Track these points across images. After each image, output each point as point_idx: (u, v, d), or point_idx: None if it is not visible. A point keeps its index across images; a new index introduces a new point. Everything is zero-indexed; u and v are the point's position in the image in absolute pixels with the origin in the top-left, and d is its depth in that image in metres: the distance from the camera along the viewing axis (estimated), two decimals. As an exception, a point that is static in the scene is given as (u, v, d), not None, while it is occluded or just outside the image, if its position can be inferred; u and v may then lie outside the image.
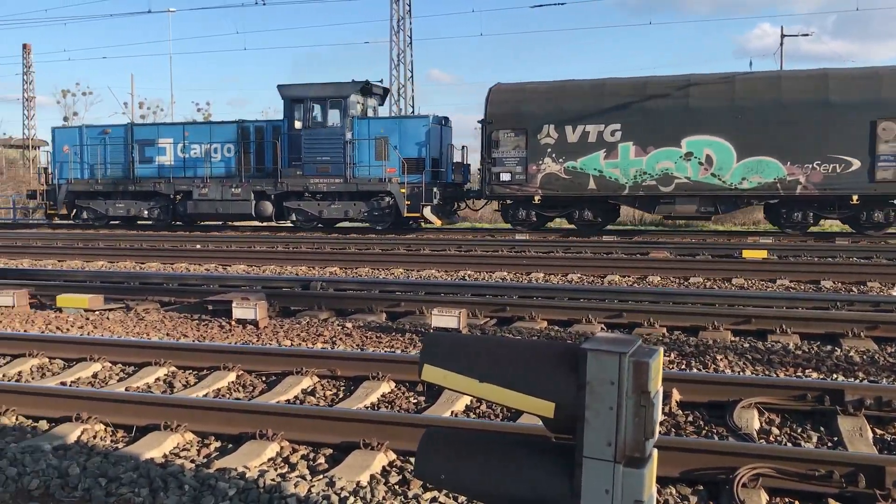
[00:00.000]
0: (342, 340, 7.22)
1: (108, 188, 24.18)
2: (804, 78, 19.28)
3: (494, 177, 20.57)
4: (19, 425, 4.87)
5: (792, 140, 18.48)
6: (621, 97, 19.84)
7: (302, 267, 13.33)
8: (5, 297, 8.98)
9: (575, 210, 20.61)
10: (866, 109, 17.97)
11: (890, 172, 17.98)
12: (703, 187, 19.30)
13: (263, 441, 4.33)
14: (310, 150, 21.71)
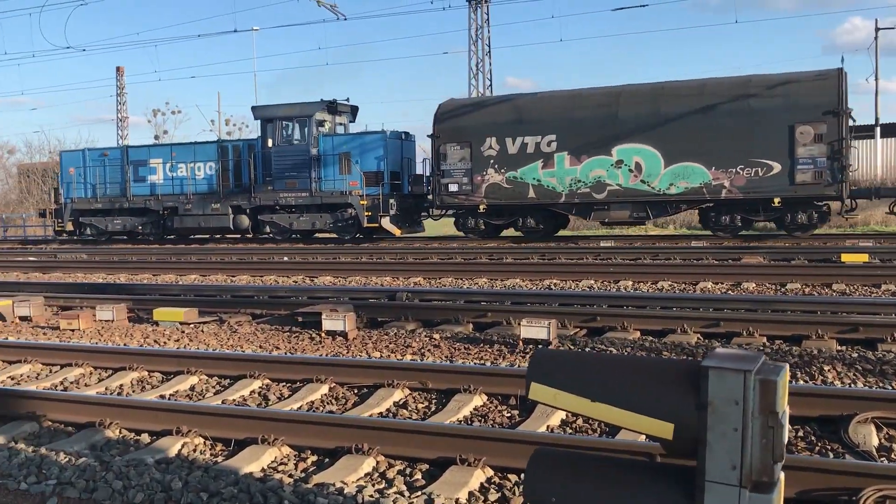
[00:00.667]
0: (430, 352, 7.18)
1: (106, 206, 26.27)
2: (727, 85, 19.73)
3: (443, 188, 21.67)
4: (123, 438, 4.99)
5: (716, 146, 19.07)
6: (555, 109, 20.86)
7: (386, 277, 13.41)
8: (105, 312, 9.30)
9: (518, 218, 21.47)
10: (785, 114, 18.48)
11: (808, 175, 18.44)
12: (633, 194, 20.02)
13: (360, 455, 4.30)
14: (279, 166, 23.35)
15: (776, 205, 18.94)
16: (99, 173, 26.23)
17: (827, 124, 18.32)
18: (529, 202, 21.06)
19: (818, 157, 18.43)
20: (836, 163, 18.35)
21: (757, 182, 18.92)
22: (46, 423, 5.27)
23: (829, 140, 18.36)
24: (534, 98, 21.61)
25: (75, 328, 8.81)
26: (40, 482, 4.15)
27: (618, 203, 20.33)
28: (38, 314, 9.69)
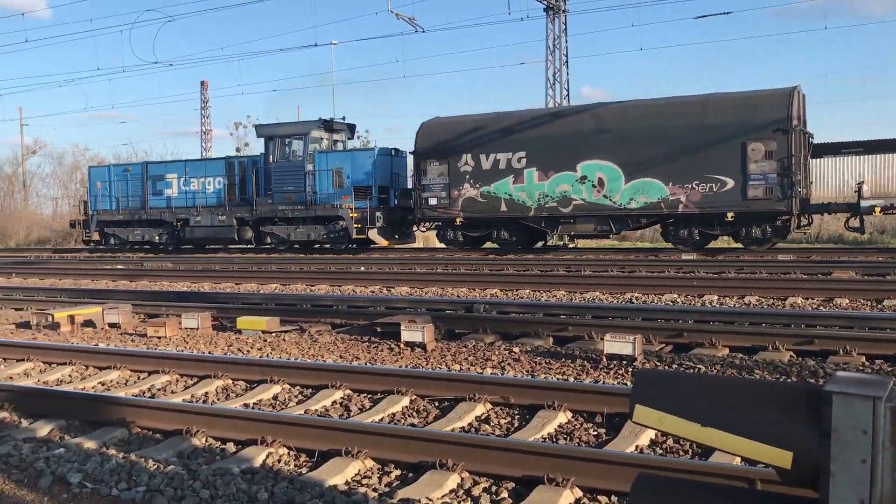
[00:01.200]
0: (511, 366, 7.07)
1: (127, 217, 28.31)
2: (684, 103, 20.45)
3: (424, 201, 22.94)
4: (209, 447, 5.04)
5: (673, 162, 19.72)
6: (525, 126, 21.77)
7: (462, 289, 13.35)
8: (191, 320, 9.51)
9: (493, 230, 22.58)
10: (738, 131, 19.04)
11: (760, 190, 18.95)
12: (597, 208, 20.86)
13: (444, 471, 4.23)
14: (278, 180, 24.95)
15: (729, 219, 19.43)
16: (122, 187, 28.26)
17: (777, 141, 18.79)
18: (502, 215, 22.08)
19: (769, 173, 18.92)
20: (787, 179, 18.80)
21: (711, 197, 19.51)
22: (135, 430, 5.37)
23: (780, 157, 18.82)
24: (505, 116, 22.60)
25: (162, 335, 9.03)
26: (130, 489, 4.21)
27: (583, 217, 21.20)
28: (126, 321, 9.98)
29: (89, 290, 14.46)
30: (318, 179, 24.40)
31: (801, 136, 19.43)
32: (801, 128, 19.57)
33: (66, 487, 4.32)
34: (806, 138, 20.07)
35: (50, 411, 5.78)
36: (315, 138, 24.97)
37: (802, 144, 19.61)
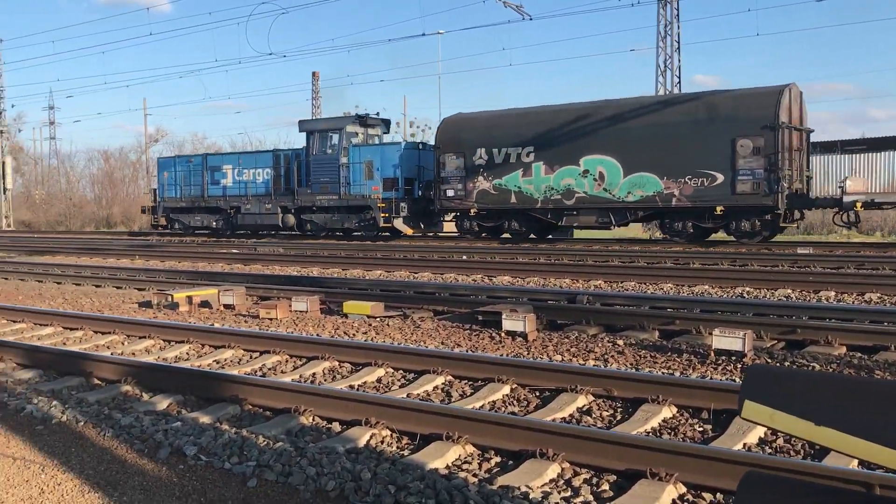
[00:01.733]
0: (614, 358, 6.97)
1: (189, 204, 30.86)
2: (678, 101, 21.53)
3: (443, 193, 24.31)
4: (315, 426, 5.21)
5: (667, 157, 20.39)
6: (534, 122, 22.88)
7: (565, 279, 13.23)
8: (300, 303, 9.81)
9: (504, 221, 23.71)
10: (728, 128, 19.64)
11: (748, 185, 19.51)
12: (597, 201, 21.75)
13: (544, 461, 4.22)
14: (316, 172, 26.87)
15: (718, 213, 20.09)
16: (185, 177, 30.86)
17: (764, 138, 19.29)
18: (512, 207, 23.24)
19: (756, 168, 19.47)
20: (773, 174, 19.29)
21: (703, 191, 20.18)
22: (247, 407, 5.60)
23: (767, 153, 19.32)
24: (517, 113, 23.95)
25: (273, 317, 9.36)
26: (241, 463, 4.40)
27: (585, 209, 22.16)
28: (240, 303, 10.39)
29: (206, 272, 15.12)
30: (351, 171, 26.14)
31: (791, 133, 19.81)
32: (794, 125, 19.98)
33: (183, 459, 4.55)
34: (801, 135, 20.42)
35: (168, 386, 6.10)
36: (350, 133, 26.66)
37: (794, 141, 20.02)
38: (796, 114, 20.28)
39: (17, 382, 6.55)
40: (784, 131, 19.39)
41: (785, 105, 19.48)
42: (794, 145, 20.08)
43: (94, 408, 5.65)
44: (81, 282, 14.40)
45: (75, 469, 4.45)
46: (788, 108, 19.76)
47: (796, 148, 20.21)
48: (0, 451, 4.83)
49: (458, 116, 25.08)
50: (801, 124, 20.62)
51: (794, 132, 20.04)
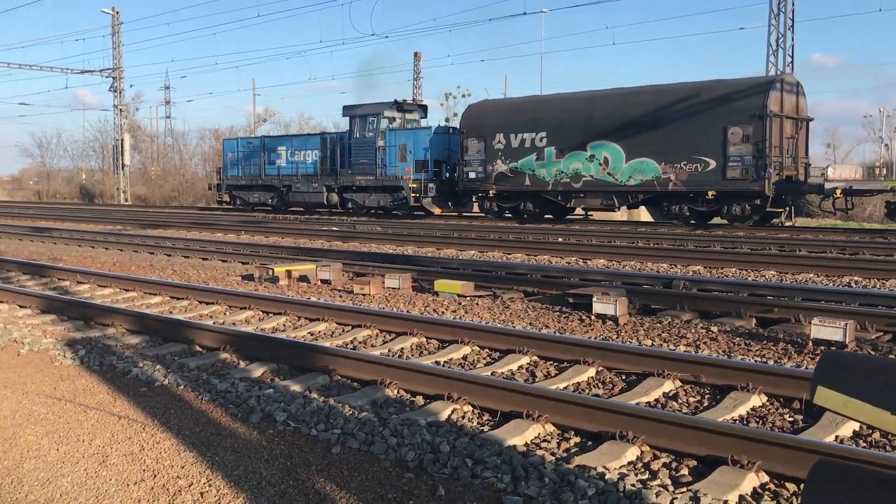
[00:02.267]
0: (706, 345, 6.81)
1: (248, 183, 33.31)
2: (676, 90, 22.04)
3: (465, 175, 25.77)
4: (399, 398, 5.33)
5: (665, 144, 21.42)
6: (547, 110, 24.33)
7: (663, 264, 12.96)
8: (393, 280, 10.00)
9: (519, 202, 25.03)
10: (720, 117, 20.57)
11: (737, 171, 20.45)
12: (602, 184, 22.90)
13: (623, 443, 4.20)
14: (356, 154, 28.69)
15: (710, 197, 21.00)
16: (245, 157, 33.36)
17: (753, 126, 20.11)
18: (526, 189, 24.59)
19: (745, 155, 20.31)
20: (761, 161, 20.08)
21: (697, 176, 21.15)
22: (336, 377, 5.78)
23: (755, 140, 20.10)
24: (530, 100, 25.72)
25: (366, 293, 9.58)
26: (328, 430, 4.56)
27: (591, 192, 23.29)
28: (336, 278, 10.68)
29: (306, 248, 15.58)
30: (387, 154, 27.85)
31: (783, 122, 20.57)
32: (786, 114, 20.73)
33: (273, 424, 4.75)
34: (794, 124, 21.22)
35: (264, 355, 6.36)
36: (388, 118, 28.42)
37: (787, 129, 20.82)
38: (790, 104, 21.10)
39: (126, 347, 6.96)
40: (773, 120, 20.12)
41: (775, 95, 20.35)
42: (787, 133, 20.83)
43: (193, 373, 5.95)
44: (190, 254, 15.09)
45: (173, 429, 4.72)
46: (779, 98, 20.61)
47: (790, 136, 20.98)
48: (107, 409, 5.17)
49: (482, 103, 26.88)
50: (797, 113, 21.40)
51: (787, 121, 20.82)
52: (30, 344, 7.04)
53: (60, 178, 74.72)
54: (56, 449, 4.45)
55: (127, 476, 4.03)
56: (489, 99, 27.12)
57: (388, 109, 28.45)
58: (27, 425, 4.88)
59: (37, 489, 3.93)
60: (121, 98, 49.65)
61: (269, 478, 3.95)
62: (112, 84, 49.09)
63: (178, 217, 29.11)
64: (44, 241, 18.79)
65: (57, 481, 4.01)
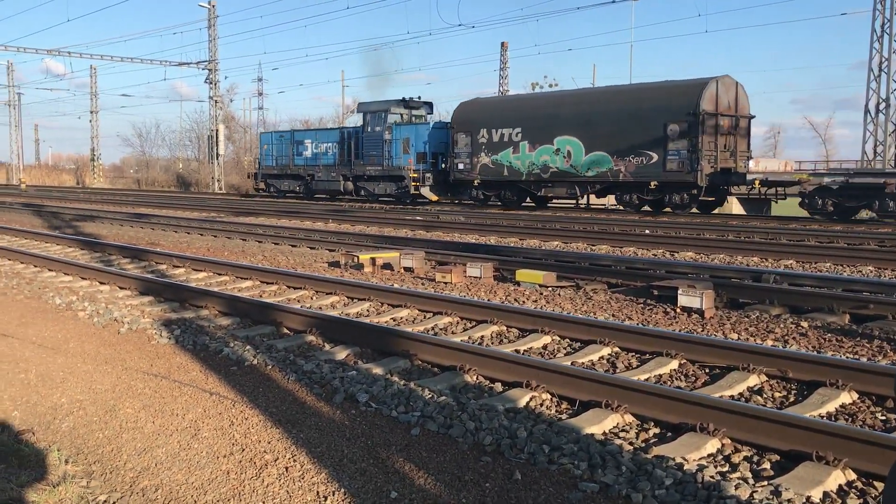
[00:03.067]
0: (795, 340, 6.62)
1: (279, 172, 36.73)
2: (627, 91, 25.33)
3: (455, 166, 28.61)
4: (478, 384, 5.39)
5: (617, 139, 23.90)
6: (523, 108, 27.30)
7: (754, 258, 12.60)
8: (474, 269, 10.07)
9: (500, 191, 27.90)
10: (662, 115, 22.87)
11: (675, 164, 22.70)
12: (566, 175, 25.49)
13: (704, 435, 4.14)
14: (367, 146, 31.62)
15: (652, 187, 23.38)
16: (278, 149, 36.69)
17: (688, 123, 22.37)
18: (504, 179, 27.31)
19: (681, 149, 22.61)
20: (694, 155, 22.34)
21: (642, 169, 23.50)
22: (416, 362, 5.88)
23: (690, 136, 22.37)
24: (511, 98, 29.86)
25: (448, 281, 9.68)
26: (407, 413, 4.66)
27: (557, 182, 25.90)
28: (418, 266, 10.82)
29: (390, 237, 15.81)
30: (393, 147, 30.58)
31: (718, 119, 22.76)
32: (722, 112, 22.88)
33: (355, 405, 4.88)
34: (732, 121, 23.37)
35: (348, 339, 6.53)
36: (395, 114, 31.14)
37: (724, 126, 23.08)
38: (726, 102, 23.21)
39: (218, 328, 7.26)
40: (707, 118, 22.41)
41: (709, 95, 22.60)
42: (724, 129, 23.03)
43: (281, 354, 6.16)
44: (280, 241, 15.53)
45: (261, 406, 4.91)
46: (714, 97, 22.79)
47: (726, 132, 23.15)
48: (199, 385, 5.41)
49: (471, 101, 29.44)
50: (735, 111, 23.51)
51: (724, 118, 23.02)
52: (129, 323, 7.41)
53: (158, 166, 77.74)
54: (152, 421, 4.69)
55: (217, 449, 4.22)
56: (478, 98, 30.12)
57: (396, 106, 31.39)
58: (126, 398, 5.16)
59: (134, 458, 4.16)
60: (216, 89, 51.30)
61: (350, 455, 4.07)
62: (207, 76, 50.77)
63: (268, 205, 29.95)
64: (142, 226, 19.66)
65: (152, 451, 4.23)
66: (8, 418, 4.90)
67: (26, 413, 5.00)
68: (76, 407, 5.04)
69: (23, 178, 62.49)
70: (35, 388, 5.49)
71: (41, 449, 4.30)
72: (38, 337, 7.13)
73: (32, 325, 7.68)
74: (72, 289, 9.65)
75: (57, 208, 27.78)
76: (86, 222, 21.28)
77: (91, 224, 20.68)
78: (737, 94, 23.73)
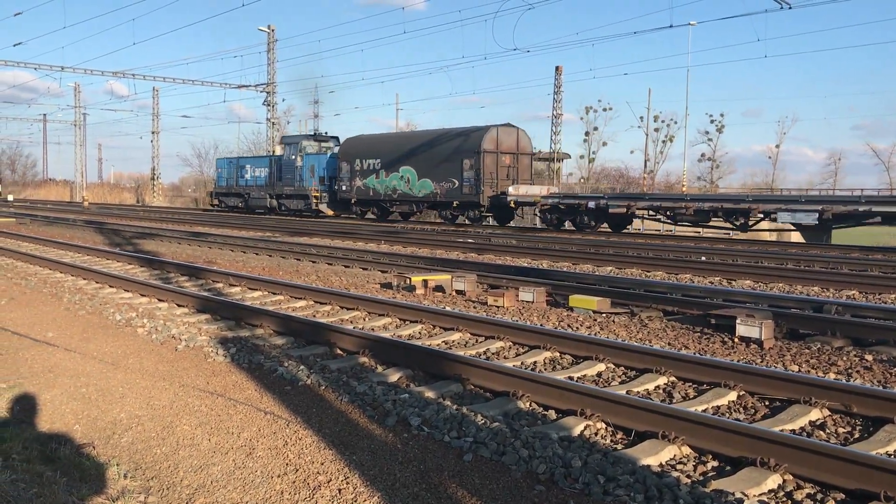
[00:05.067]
0: (860, 374, 6.42)
1: (227, 191, 44.47)
2: (441, 133, 33.08)
3: (340, 188, 36.66)
4: (531, 411, 5.34)
5: (435, 169, 31.62)
6: (383, 143, 35.54)
7: (814, 287, 12.28)
8: (527, 293, 10.01)
9: (370, 208, 36.20)
10: (459, 152, 30.77)
11: (467, 188, 30.43)
12: (407, 196, 33.16)
13: (764, 470, 4.03)
14: (284, 171, 39.59)
15: (455, 206, 31.28)
16: (227, 172, 44.45)
17: (475, 158, 30.11)
18: (371, 198, 35.30)
19: (471, 178, 30.31)
20: (479, 182, 29.91)
21: (450, 191, 31.22)
22: (469, 386, 5.86)
23: (476, 168, 30.11)
24: (376, 137, 37.50)
25: (500, 305, 9.64)
26: (460, 438, 4.64)
27: (400, 201, 34.01)
28: (470, 289, 10.81)
29: (442, 259, 15.84)
30: (303, 172, 38.39)
31: (499, 156, 30.59)
32: (504, 150, 30.88)
33: (407, 428, 4.88)
34: (513, 157, 31.26)
35: (400, 361, 6.54)
36: (306, 146, 38.94)
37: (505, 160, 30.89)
38: (507, 143, 31.09)
39: (272, 347, 7.34)
40: (487, 155, 30.19)
41: (490, 138, 30.47)
42: (505, 163, 30.86)
43: (334, 374, 6.20)
44: (333, 262, 15.68)
45: (314, 427, 4.93)
46: (495, 139, 30.71)
47: (507, 165, 30.98)
48: (254, 404, 5.47)
49: (353, 138, 37.56)
50: (517, 150, 31.44)
51: (505, 155, 30.89)
52: (186, 340, 7.55)
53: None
54: (208, 439, 4.75)
55: (271, 469, 4.25)
56: (357, 136, 37.85)
57: (307, 139, 39.64)
58: (183, 415, 5.24)
59: (190, 475, 4.21)
60: (273, 111, 52.27)
61: (403, 480, 4.06)
62: (266, 98, 51.79)
63: (323, 226, 30.33)
64: (200, 245, 20.06)
65: (208, 469, 4.28)
66: (70, 432, 5.01)
67: (87, 427, 5.11)
68: (135, 422, 5.14)
69: (86, 196, 64.43)
70: (95, 403, 5.62)
71: (101, 463, 4.39)
72: (98, 352, 7.30)
73: (93, 340, 7.87)
74: (131, 305, 9.88)
75: (118, 226, 28.53)
76: (145, 240, 21.81)
77: (150, 241, 21.18)
78: (518, 137, 31.68)
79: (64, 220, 32.96)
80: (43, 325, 8.69)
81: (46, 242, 19.99)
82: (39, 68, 46.14)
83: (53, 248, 18.85)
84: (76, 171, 73.85)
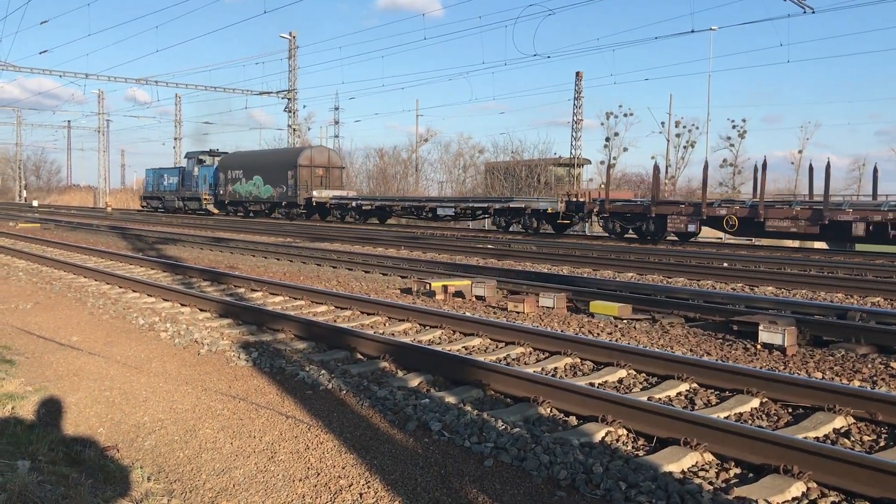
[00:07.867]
0: (885, 381, 6.35)
1: (152, 195, 52.76)
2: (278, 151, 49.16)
3: (219, 192, 45.55)
4: (552, 417, 5.33)
5: (274, 178, 41.70)
6: (246, 158, 46.47)
7: (838, 293, 12.16)
8: (547, 299, 9.99)
9: (237, 208, 44.77)
10: (287, 166, 40.85)
11: (290, 192, 40.84)
12: (259, 199, 42.90)
13: (788, 477, 4.00)
14: (187, 179, 48.53)
15: (284, 205, 41.35)
16: (153, 179, 52.89)
17: (294, 171, 40.01)
18: (239, 200, 44.17)
19: (292, 185, 40.35)
20: (296, 188, 40.26)
21: (282, 195, 40.88)
22: (489, 392, 5.86)
23: (295, 177, 40.14)
24: (242, 153, 48.22)
25: (520, 311, 9.63)
26: (480, 443, 4.64)
27: (255, 202, 43.18)
28: (490, 295, 10.80)
29: (462, 265, 15.84)
30: (198, 180, 47.40)
31: (313, 169, 40.53)
32: (315, 165, 40.77)
33: (427, 433, 4.88)
34: (325, 170, 41.33)
35: (420, 366, 6.55)
36: (202, 159, 47.83)
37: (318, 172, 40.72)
38: (319, 159, 41.28)
39: (294, 351, 7.38)
40: (302, 168, 40.02)
41: (304, 156, 40.72)
42: (319, 175, 40.67)
43: (355, 379, 6.22)
44: (353, 267, 15.74)
45: (335, 431, 4.95)
46: (309, 157, 40.96)
47: (321, 176, 40.76)
48: (276, 408, 5.50)
49: (230, 154, 47.85)
50: (328, 164, 41.50)
51: (318, 168, 40.81)
52: (209, 345, 7.61)
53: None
54: (230, 443, 4.79)
55: (293, 472, 4.28)
56: (234, 152, 48.78)
57: (203, 154, 48.50)
58: (206, 419, 5.28)
59: (213, 478, 4.25)
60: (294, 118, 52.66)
61: (423, 484, 4.07)
62: (287, 105, 52.16)
63: (343, 231, 30.44)
64: (221, 250, 20.20)
65: (231, 472, 4.31)
66: (94, 434, 5.07)
67: (111, 430, 5.16)
68: (158, 426, 5.18)
69: (109, 202, 65.14)
70: (119, 406, 5.68)
71: (125, 466, 4.44)
72: (122, 356, 7.38)
73: (117, 344, 7.96)
74: (154, 310, 9.97)
75: (140, 231, 28.81)
76: (167, 245, 22.00)
77: (172, 247, 21.37)
78: (329, 155, 42.51)
79: (87, 225, 33.34)
80: (67, 329, 8.80)
81: (70, 247, 20.23)
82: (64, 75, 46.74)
83: (77, 252, 19.07)
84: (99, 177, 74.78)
